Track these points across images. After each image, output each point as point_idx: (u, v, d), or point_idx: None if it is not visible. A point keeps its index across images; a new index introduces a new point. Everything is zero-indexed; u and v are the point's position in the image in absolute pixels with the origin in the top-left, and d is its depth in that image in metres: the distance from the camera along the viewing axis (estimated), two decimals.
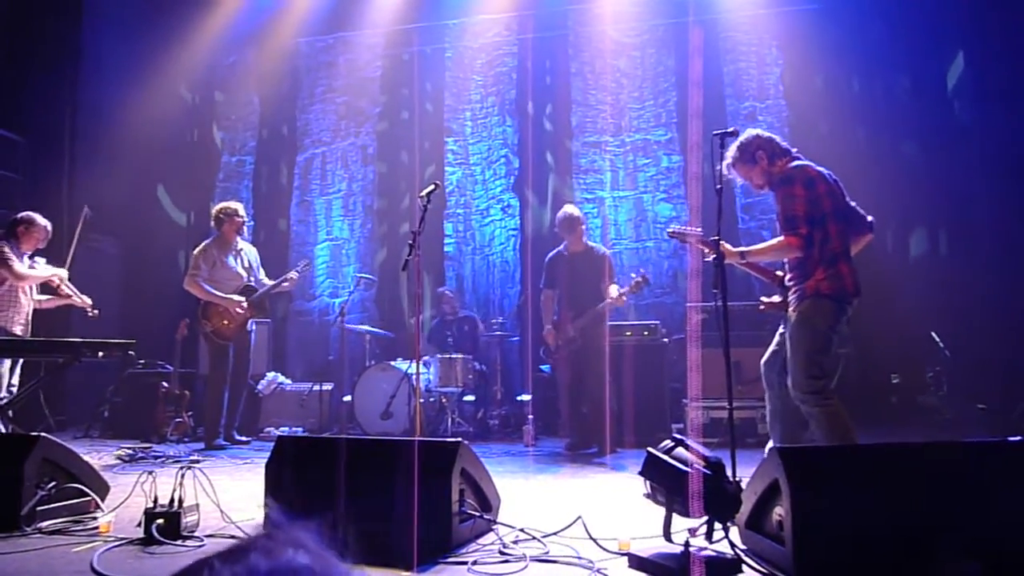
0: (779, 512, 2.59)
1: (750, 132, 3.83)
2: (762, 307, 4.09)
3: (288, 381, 7.49)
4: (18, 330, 5.43)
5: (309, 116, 9.03)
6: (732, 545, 2.64)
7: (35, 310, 5.67)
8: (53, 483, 3.31)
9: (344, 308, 7.17)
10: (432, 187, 4.42)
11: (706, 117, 7.62)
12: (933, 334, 6.61)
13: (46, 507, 3.26)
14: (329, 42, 9.03)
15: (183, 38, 8.70)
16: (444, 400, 6.72)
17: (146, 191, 8.89)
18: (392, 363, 6.80)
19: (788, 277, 3.73)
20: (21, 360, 5.49)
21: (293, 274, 6.58)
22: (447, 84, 8.59)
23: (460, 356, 6.70)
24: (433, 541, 2.79)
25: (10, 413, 5.21)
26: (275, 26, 8.95)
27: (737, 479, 2.80)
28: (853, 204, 3.72)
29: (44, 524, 3.20)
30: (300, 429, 7.00)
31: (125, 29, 8.56)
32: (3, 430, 5.01)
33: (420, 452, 2.92)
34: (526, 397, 7.15)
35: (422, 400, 6.18)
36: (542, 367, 7.23)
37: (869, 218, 3.77)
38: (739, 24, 7.74)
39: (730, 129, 3.50)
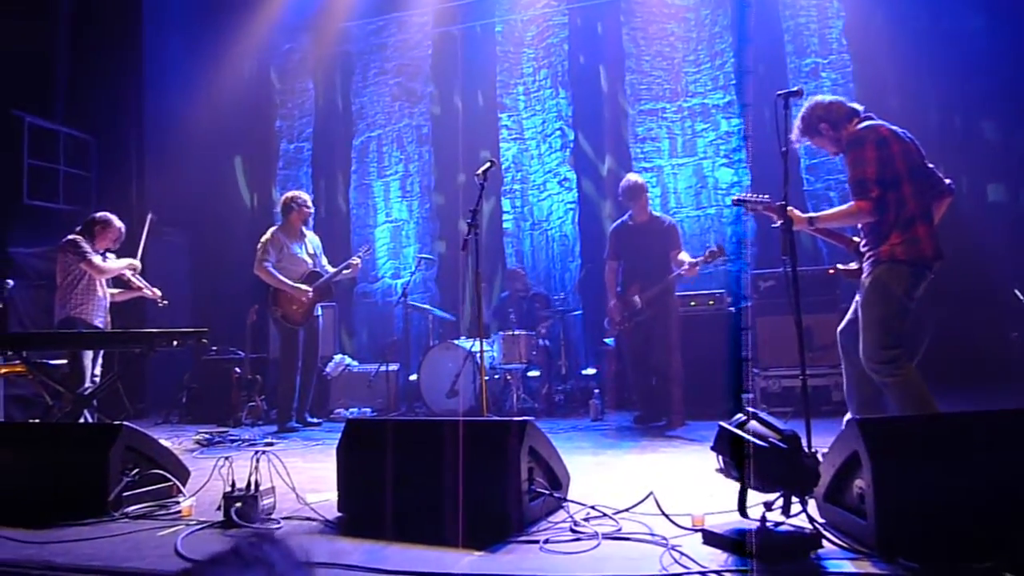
0: (859, 485, 2.51)
1: (810, 102, 3.69)
2: (832, 271, 3.96)
3: (355, 363, 7.62)
4: (98, 322, 5.64)
5: (363, 99, 9.08)
6: (811, 519, 2.56)
7: (110, 303, 5.89)
8: (136, 469, 3.43)
9: (407, 289, 7.24)
10: (488, 164, 4.40)
11: (767, 76, 7.38)
12: (1017, 292, 6.30)
13: (131, 493, 3.39)
14: (379, 24, 9.04)
15: (239, 30, 8.84)
16: (508, 377, 6.74)
17: (210, 183, 9.10)
18: (455, 342, 6.84)
19: (862, 242, 3.59)
20: (102, 351, 5.71)
21: (355, 260, 6.66)
22: (498, 59, 8.51)
23: (523, 332, 6.70)
24: (503, 520, 2.79)
25: (94, 403, 5.43)
26: (326, 11, 9.02)
27: (814, 450, 2.71)
28: (931, 166, 3.55)
29: (130, 509, 3.32)
30: (369, 410, 7.13)
31: (184, 26, 8.76)
32: (88, 419, 5.23)
33: (488, 431, 2.92)
34: (590, 371, 7.10)
35: (486, 378, 6.20)
36: (606, 340, 7.18)
37: (948, 180, 3.59)
38: None
39: (795, 89, 3.35)
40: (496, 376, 6.79)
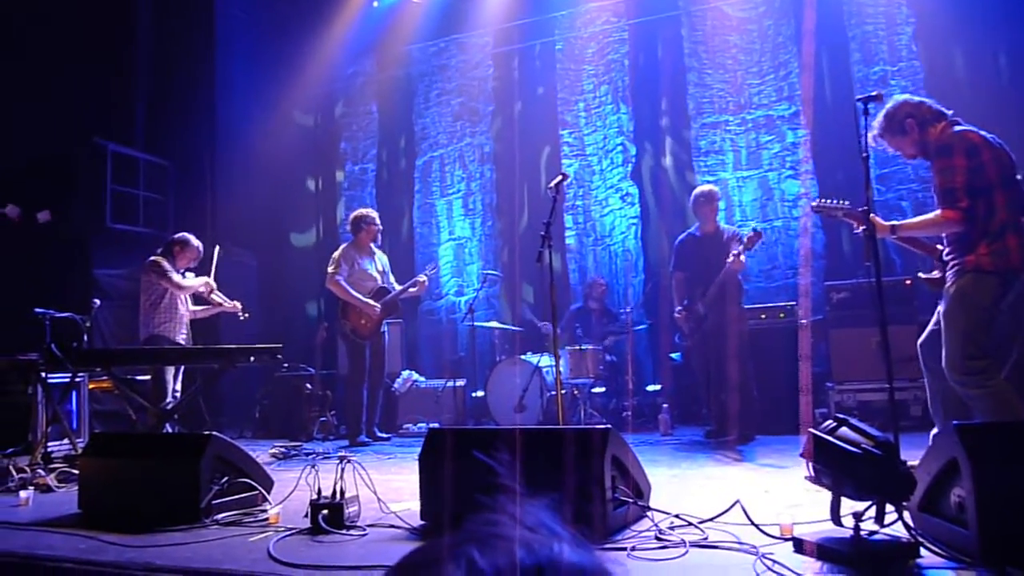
0: (958, 493, 2.44)
1: (897, 99, 3.62)
2: (909, 281, 3.87)
3: (422, 379, 7.70)
4: (180, 339, 5.85)
5: (425, 120, 9.24)
6: (908, 528, 2.50)
7: (192, 320, 6.10)
8: (225, 478, 3.54)
9: (472, 305, 7.31)
10: (560, 177, 4.43)
11: (833, 85, 7.27)
12: None
13: (220, 500, 3.49)
14: (440, 46, 9.21)
15: (305, 58, 9.10)
16: (576, 392, 6.73)
17: (278, 205, 9.36)
18: (522, 357, 6.87)
19: (946, 251, 3.50)
20: (183, 367, 5.91)
21: (422, 278, 6.79)
22: (559, 76, 8.58)
23: (590, 348, 6.69)
24: (589, 528, 2.79)
25: (175, 417, 5.62)
26: (388, 35, 9.25)
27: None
28: (1020, 177, 3.44)
29: (220, 516, 3.42)
30: (436, 425, 7.18)
31: (252, 53, 9.07)
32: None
33: (571, 440, 2.93)
34: (655, 387, 7.03)
35: (554, 392, 6.20)
36: (672, 355, 7.11)
37: None
38: None
39: (873, 93, 3.31)
40: (563, 391, 6.77)
